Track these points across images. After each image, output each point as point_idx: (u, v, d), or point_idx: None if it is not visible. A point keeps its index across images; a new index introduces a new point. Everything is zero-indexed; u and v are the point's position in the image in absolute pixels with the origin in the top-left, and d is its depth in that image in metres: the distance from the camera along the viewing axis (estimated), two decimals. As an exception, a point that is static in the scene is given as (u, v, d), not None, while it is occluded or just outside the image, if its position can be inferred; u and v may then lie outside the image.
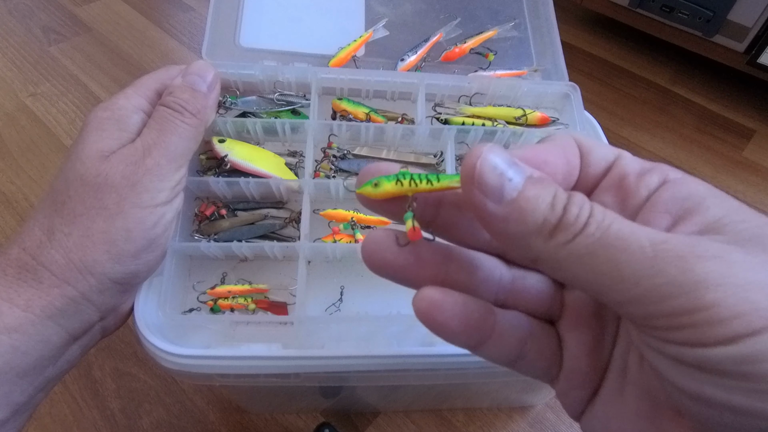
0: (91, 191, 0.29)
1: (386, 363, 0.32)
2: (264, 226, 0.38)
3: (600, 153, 0.20)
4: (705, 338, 0.14)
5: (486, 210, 0.16)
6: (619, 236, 0.15)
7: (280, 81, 0.42)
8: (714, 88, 0.86)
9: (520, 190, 0.16)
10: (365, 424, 0.51)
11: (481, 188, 0.16)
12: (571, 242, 0.16)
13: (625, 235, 0.15)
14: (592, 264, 0.15)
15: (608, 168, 0.20)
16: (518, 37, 0.48)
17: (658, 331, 0.15)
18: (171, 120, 0.32)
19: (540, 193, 0.16)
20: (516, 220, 0.16)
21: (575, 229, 0.16)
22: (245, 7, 0.45)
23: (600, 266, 0.15)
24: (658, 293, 0.14)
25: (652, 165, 0.19)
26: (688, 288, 0.14)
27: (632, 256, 0.15)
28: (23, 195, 0.65)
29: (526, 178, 0.16)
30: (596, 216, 0.16)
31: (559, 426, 0.52)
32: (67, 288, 0.28)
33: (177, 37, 0.88)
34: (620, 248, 0.15)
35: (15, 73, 0.80)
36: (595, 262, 0.15)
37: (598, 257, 0.15)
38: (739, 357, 0.14)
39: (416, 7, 0.48)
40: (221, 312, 0.35)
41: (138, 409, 0.50)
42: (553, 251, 0.16)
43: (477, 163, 0.16)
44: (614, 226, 0.15)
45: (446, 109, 0.43)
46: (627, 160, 0.20)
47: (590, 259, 0.15)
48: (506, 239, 0.17)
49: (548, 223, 0.16)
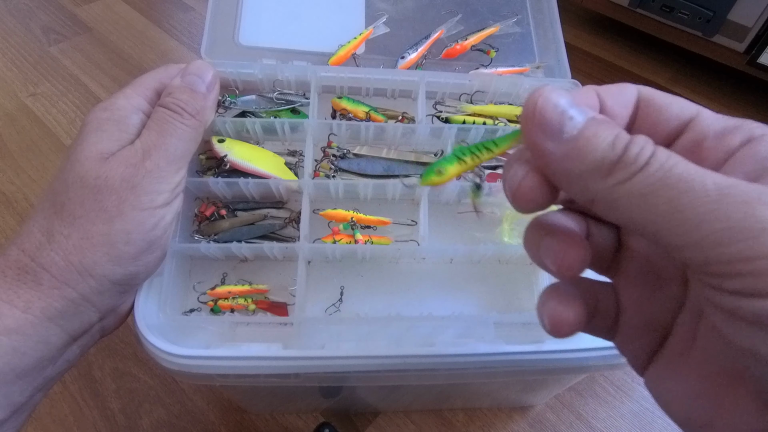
0: (90, 193, 0.29)
1: (386, 363, 0.32)
2: (264, 227, 0.38)
3: (674, 110, 0.19)
4: (762, 287, 0.14)
5: (546, 148, 0.16)
6: (683, 177, 0.15)
7: (279, 80, 0.42)
8: (714, 88, 0.86)
9: (581, 129, 0.16)
10: (365, 424, 0.51)
11: (542, 126, 0.16)
12: (630, 180, 0.15)
13: (688, 177, 0.15)
14: (652, 204, 0.15)
15: (683, 126, 0.19)
16: (520, 33, 0.47)
17: (717, 278, 0.15)
18: (170, 121, 0.32)
19: (601, 132, 0.16)
20: (575, 158, 0.16)
21: (635, 167, 0.15)
22: (244, 5, 0.45)
23: (660, 206, 0.15)
24: (718, 237, 0.14)
25: (737, 123, 0.18)
26: (749, 234, 0.14)
27: (695, 197, 0.14)
28: (23, 195, 0.65)
29: (587, 118, 0.16)
30: (659, 156, 0.15)
31: (559, 426, 0.51)
32: (67, 289, 0.28)
33: (177, 36, 0.88)
34: (683, 189, 0.14)
35: (15, 73, 0.80)
36: (655, 202, 0.15)
37: (658, 197, 0.15)
38: None
39: (417, 3, 0.48)
40: (221, 313, 0.35)
41: (138, 409, 0.50)
42: (611, 190, 0.16)
43: (539, 101, 0.16)
44: (678, 167, 0.15)
45: (447, 107, 0.43)
46: (706, 119, 0.19)
47: (651, 199, 0.15)
48: (565, 179, 0.17)
49: (607, 160, 0.16)
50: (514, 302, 0.39)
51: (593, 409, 0.52)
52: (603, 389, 0.53)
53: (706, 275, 0.15)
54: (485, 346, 0.32)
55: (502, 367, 0.33)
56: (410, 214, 0.40)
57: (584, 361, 0.33)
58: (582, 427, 0.51)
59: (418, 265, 0.39)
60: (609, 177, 0.16)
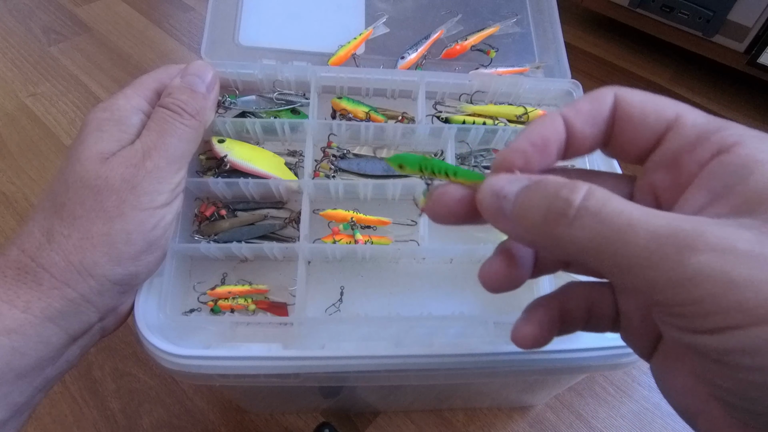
0: (90, 194, 0.29)
1: (386, 363, 0.32)
2: (264, 227, 0.38)
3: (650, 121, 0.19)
4: (695, 327, 0.15)
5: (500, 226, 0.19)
6: (616, 228, 0.16)
7: (279, 80, 0.42)
8: (714, 88, 0.86)
9: (514, 204, 0.18)
10: (365, 424, 0.51)
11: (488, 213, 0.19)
12: (568, 235, 0.16)
13: (620, 226, 0.15)
14: (593, 254, 0.16)
15: (660, 137, 0.19)
16: (520, 33, 0.47)
17: (662, 315, 0.16)
18: (170, 122, 0.32)
19: (531, 201, 0.18)
20: (520, 226, 0.18)
21: (567, 222, 0.16)
22: (244, 5, 0.45)
23: (601, 256, 0.16)
24: (654, 285, 0.15)
25: (713, 127, 0.18)
26: (679, 283, 0.15)
27: (629, 248, 0.15)
28: (23, 195, 0.65)
29: (516, 192, 0.18)
30: (590, 208, 0.16)
31: (559, 426, 0.51)
32: (67, 290, 0.28)
33: (177, 36, 0.88)
34: (619, 241, 0.15)
35: (15, 73, 0.80)
36: (596, 253, 0.16)
37: (601, 251, 0.16)
38: (722, 348, 0.14)
39: (417, 4, 0.48)
40: (221, 313, 0.35)
41: (138, 409, 0.50)
42: (556, 246, 0.17)
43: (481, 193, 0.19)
44: (611, 215, 0.16)
45: (447, 107, 0.43)
46: (684, 127, 0.19)
47: (590, 250, 0.16)
48: (524, 239, 0.19)
49: (542, 223, 0.17)
50: (514, 302, 0.39)
51: (593, 409, 0.52)
52: (603, 389, 0.53)
53: (655, 310, 0.17)
54: (485, 346, 0.32)
55: (502, 367, 0.33)
56: (410, 214, 0.40)
57: (584, 361, 0.33)
58: (582, 427, 0.51)
59: (418, 265, 0.39)
60: (550, 235, 0.17)
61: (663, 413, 0.51)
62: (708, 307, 0.14)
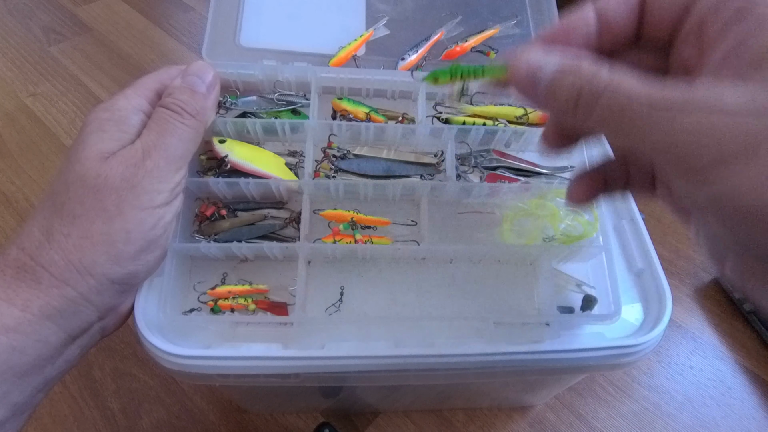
0: (90, 193, 0.29)
1: (386, 363, 0.32)
2: (264, 227, 0.38)
3: None
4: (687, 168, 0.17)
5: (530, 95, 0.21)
6: (623, 105, 0.18)
7: (280, 81, 0.42)
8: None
9: (549, 79, 0.20)
10: (365, 424, 0.51)
11: (520, 84, 0.21)
12: (591, 113, 0.19)
13: (628, 100, 0.18)
14: (612, 128, 0.19)
15: (686, 7, 0.20)
16: (520, 35, 0.48)
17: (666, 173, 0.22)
18: (170, 121, 0.32)
19: (564, 81, 0.20)
20: (551, 99, 0.20)
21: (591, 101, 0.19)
22: (245, 6, 0.45)
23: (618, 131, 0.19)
24: (655, 148, 0.18)
25: None
26: (673, 143, 0.17)
27: (634, 120, 0.18)
28: (23, 195, 0.65)
29: (554, 70, 0.20)
30: (609, 87, 0.18)
31: (559, 426, 0.51)
32: (66, 288, 0.28)
33: (177, 37, 0.88)
34: (627, 116, 0.18)
35: (15, 73, 0.80)
36: (617, 129, 0.19)
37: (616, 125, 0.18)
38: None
39: (417, 5, 0.48)
40: (221, 312, 0.35)
41: (138, 409, 0.50)
42: (583, 120, 0.19)
43: (516, 62, 0.21)
44: (620, 91, 0.18)
45: (447, 108, 0.43)
46: None
47: (610, 123, 0.19)
48: (552, 112, 0.23)
49: (571, 102, 0.19)
50: (514, 302, 0.39)
51: (593, 409, 0.52)
52: (603, 389, 0.53)
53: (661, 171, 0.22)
54: (485, 346, 0.32)
55: (502, 367, 0.33)
56: (410, 214, 0.40)
57: (584, 361, 0.33)
58: (582, 427, 0.51)
59: (418, 265, 0.39)
60: (576, 113, 0.19)
61: (663, 413, 0.51)
62: (695, 150, 0.17)
